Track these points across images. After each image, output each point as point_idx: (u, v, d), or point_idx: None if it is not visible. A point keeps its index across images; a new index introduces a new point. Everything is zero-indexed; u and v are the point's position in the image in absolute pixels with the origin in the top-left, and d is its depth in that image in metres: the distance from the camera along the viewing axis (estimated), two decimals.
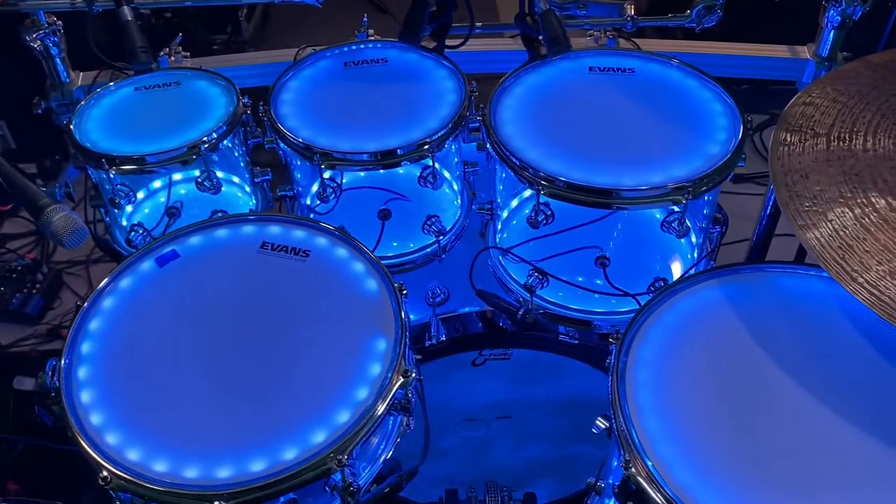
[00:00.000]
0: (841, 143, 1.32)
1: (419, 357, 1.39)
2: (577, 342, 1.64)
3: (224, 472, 1.10)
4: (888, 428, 1.08)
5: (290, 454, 1.11)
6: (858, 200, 1.22)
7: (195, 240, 1.42)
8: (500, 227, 1.74)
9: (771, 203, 2.10)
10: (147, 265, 1.38)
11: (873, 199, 1.21)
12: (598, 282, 1.56)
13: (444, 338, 1.64)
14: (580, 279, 1.57)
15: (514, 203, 1.76)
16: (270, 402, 1.18)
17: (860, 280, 1.11)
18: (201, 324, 1.28)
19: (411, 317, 1.86)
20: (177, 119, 1.63)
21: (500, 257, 1.69)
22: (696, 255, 1.62)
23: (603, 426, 1.18)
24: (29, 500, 1.79)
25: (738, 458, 1.06)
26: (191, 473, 1.10)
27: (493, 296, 1.62)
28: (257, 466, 1.10)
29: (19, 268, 2.81)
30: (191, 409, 1.17)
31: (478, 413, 1.87)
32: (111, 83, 1.74)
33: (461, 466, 1.99)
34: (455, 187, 1.79)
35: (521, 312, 1.56)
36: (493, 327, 1.72)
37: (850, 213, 1.20)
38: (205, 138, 1.57)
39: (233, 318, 1.29)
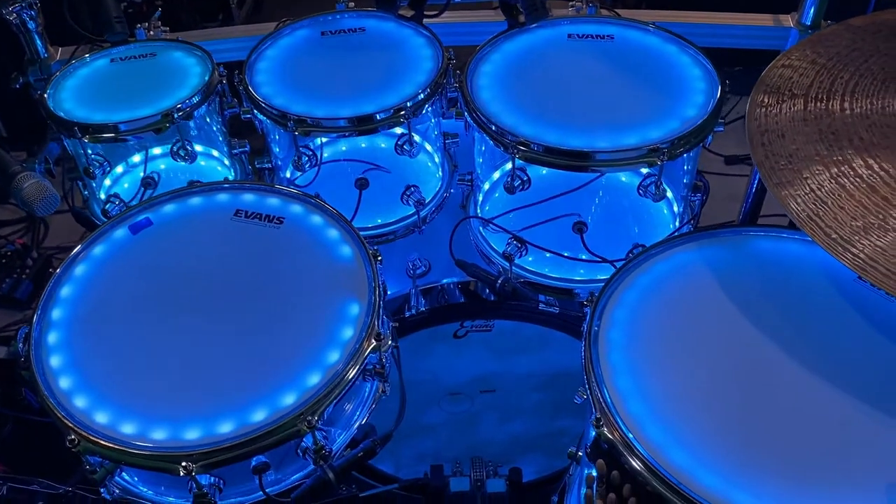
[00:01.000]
0: (818, 104, 1.31)
1: (395, 324, 1.38)
2: (557, 311, 1.63)
3: (192, 434, 1.09)
4: (862, 385, 1.07)
5: (259, 416, 1.11)
6: (835, 158, 1.20)
7: (169, 208, 1.42)
8: (481, 198, 1.73)
9: (757, 180, 2.08)
10: (120, 233, 1.37)
11: (849, 157, 1.20)
12: (583, 256, 1.55)
13: (423, 308, 1.63)
14: (566, 253, 1.56)
15: (496, 175, 1.74)
16: (240, 366, 1.17)
17: (834, 236, 1.10)
18: (173, 289, 1.28)
19: (391, 289, 1.87)
20: (151, 89, 1.62)
21: (481, 228, 1.68)
22: (676, 223, 1.61)
23: (584, 397, 1.17)
24: (6, 475, 1.78)
25: (709, 414, 1.06)
26: (159, 435, 1.09)
27: (473, 265, 1.61)
28: (225, 428, 1.10)
29: (9, 253, 2.80)
30: (160, 373, 1.17)
31: (462, 387, 1.86)
32: (87, 55, 1.73)
33: (446, 442, 1.98)
34: (436, 159, 1.78)
35: (500, 281, 1.55)
36: (474, 298, 1.71)
37: (827, 172, 1.19)
38: (179, 106, 1.56)
39: (205, 284, 1.28)
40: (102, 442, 1.08)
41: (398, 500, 1.70)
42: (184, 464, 1.06)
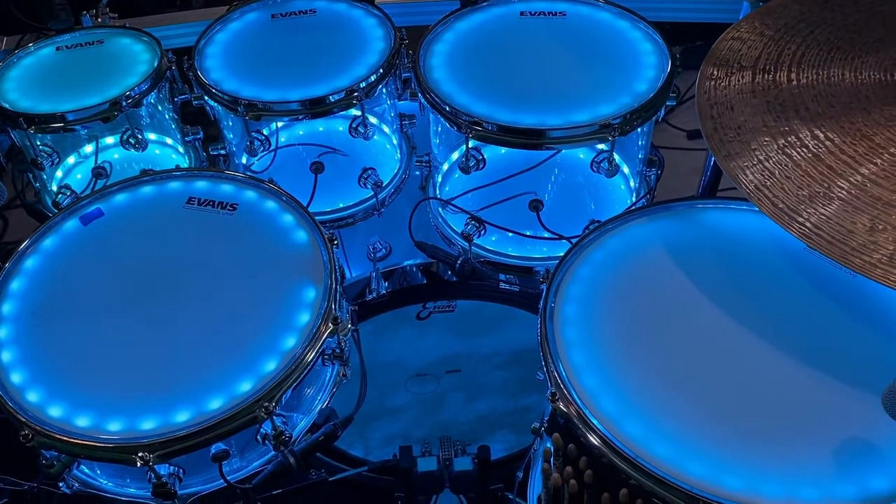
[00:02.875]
0: (766, 76, 1.32)
1: (355, 308, 1.38)
2: (518, 289, 1.64)
3: (148, 424, 1.08)
4: (812, 351, 1.09)
5: (215, 404, 1.10)
6: (782, 129, 1.21)
7: (120, 197, 1.40)
8: (440, 179, 1.73)
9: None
10: (71, 224, 1.35)
11: (796, 128, 1.21)
12: (545, 234, 1.56)
13: (384, 291, 1.63)
14: (528, 232, 1.56)
15: (455, 156, 1.74)
16: (196, 354, 1.16)
17: (781, 206, 1.11)
18: (126, 280, 1.26)
19: (355, 273, 1.87)
20: (99, 77, 1.59)
21: (440, 209, 1.68)
22: (633, 197, 1.62)
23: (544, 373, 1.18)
24: None
25: (663, 385, 1.07)
26: (114, 426, 1.08)
27: (432, 247, 1.61)
28: (182, 417, 1.09)
29: None
30: (115, 364, 1.16)
31: (427, 368, 1.87)
32: (31, 45, 1.69)
33: (414, 423, 1.99)
34: (394, 141, 1.77)
35: (459, 262, 1.55)
36: (435, 279, 1.71)
37: (774, 143, 1.20)
38: (127, 93, 1.53)
39: (158, 273, 1.26)
40: (56, 436, 1.07)
41: (368, 483, 1.70)
42: (140, 454, 1.05)
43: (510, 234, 1.58)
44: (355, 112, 1.56)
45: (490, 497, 1.73)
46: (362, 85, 1.50)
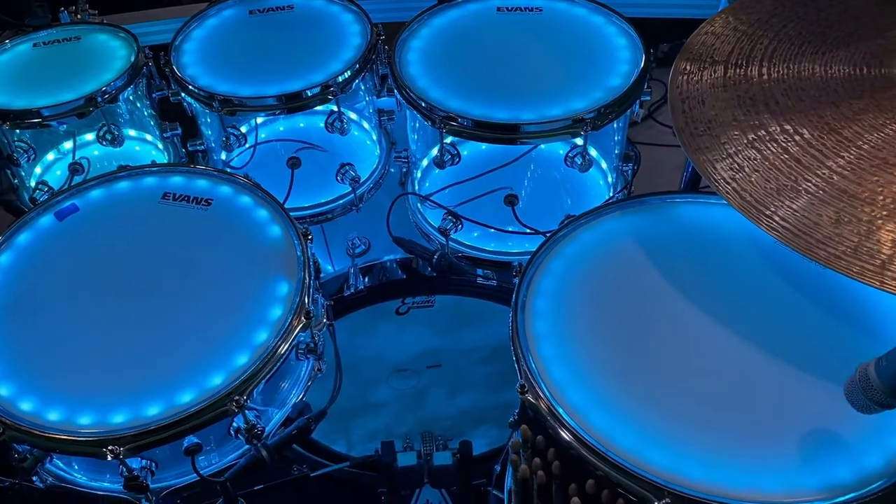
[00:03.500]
0: (738, 70, 1.33)
1: (330, 303, 1.38)
2: (496, 284, 1.64)
3: (119, 418, 1.09)
4: (782, 345, 1.10)
5: (186, 397, 1.11)
6: (752, 123, 1.22)
7: (96, 193, 1.40)
8: (419, 175, 1.73)
9: None
10: (46, 220, 1.35)
11: (765, 122, 1.22)
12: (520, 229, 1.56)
13: (361, 286, 1.63)
14: (509, 228, 1.56)
15: (434, 151, 1.74)
16: (168, 348, 1.16)
17: (749, 199, 1.12)
18: (100, 275, 1.26)
19: (337, 268, 1.87)
20: (75, 73, 1.59)
21: (419, 204, 1.68)
22: (610, 193, 1.63)
23: None
24: None
25: (631, 377, 1.08)
26: (85, 420, 1.09)
27: (410, 242, 1.62)
28: (153, 411, 1.09)
29: None
30: (87, 358, 1.16)
31: (408, 363, 1.87)
32: (8, 41, 1.69)
33: (397, 418, 1.99)
34: (374, 137, 1.78)
35: (436, 257, 1.56)
36: (414, 274, 1.71)
37: (744, 137, 1.21)
38: (103, 89, 1.54)
39: (132, 268, 1.27)
40: (27, 429, 1.07)
41: (350, 478, 1.71)
42: (110, 447, 1.06)
43: (491, 231, 1.58)
44: (333, 107, 1.57)
45: (473, 491, 1.74)
46: (339, 80, 1.51)
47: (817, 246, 1.04)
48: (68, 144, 1.73)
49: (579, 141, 1.40)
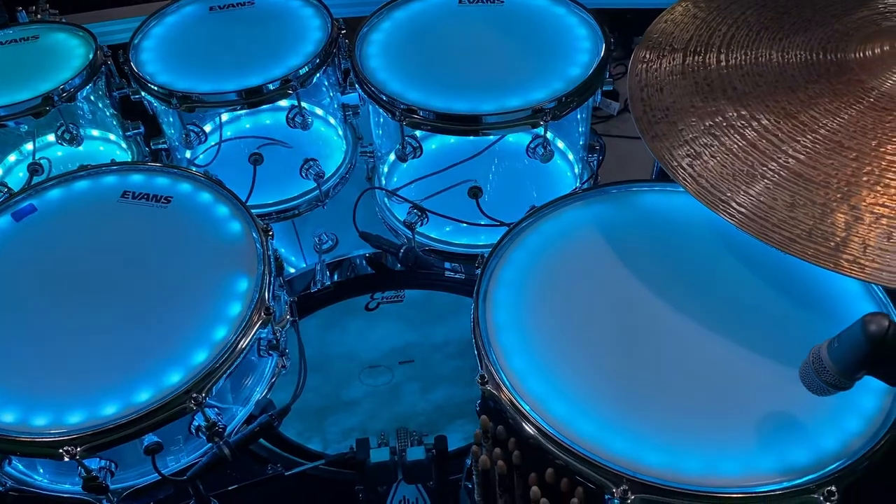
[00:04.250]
0: (696, 57, 1.33)
1: (293, 299, 1.37)
2: (464, 277, 1.64)
3: (75, 418, 1.08)
4: (740, 330, 1.10)
5: (143, 396, 1.09)
6: (709, 110, 1.22)
7: (54, 193, 1.38)
8: (386, 170, 1.72)
9: None
10: (2, 221, 1.34)
11: (723, 108, 1.22)
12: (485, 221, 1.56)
13: (328, 282, 1.62)
14: (483, 221, 1.55)
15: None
16: (126, 347, 1.15)
17: (705, 185, 1.12)
18: (58, 275, 1.25)
19: (304, 264, 1.86)
20: (33, 72, 1.57)
21: (386, 199, 1.67)
22: (577, 184, 1.63)
23: None
24: None
25: (591, 365, 1.07)
26: (40, 421, 1.08)
27: (376, 237, 1.61)
28: (109, 410, 1.08)
29: None
30: (44, 359, 1.15)
31: (380, 360, 1.86)
32: None
33: (372, 416, 1.98)
34: (340, 132, 1.77)
35: (402, 251, 1.55)
36: (382, 270, 1.71)
37: (701, 124, 1.21)
38: (61, 88, 1.52)
39: (90, 268, 1.25)
40: None
41: (326, 477, 1.70)
42: (66, 448, 1.04)
43: (464, 225, 1.58)
44: (294, 102, 1.56)
45: (450, 486, 1.74)
46: (299, 73, 1.50)
47: (772, 230, 1.04)
48: (30, 146, 1.71)
49: (539, 131, 1.40)
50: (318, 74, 1.54)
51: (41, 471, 1.23)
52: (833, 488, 0.92)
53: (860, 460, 0.95)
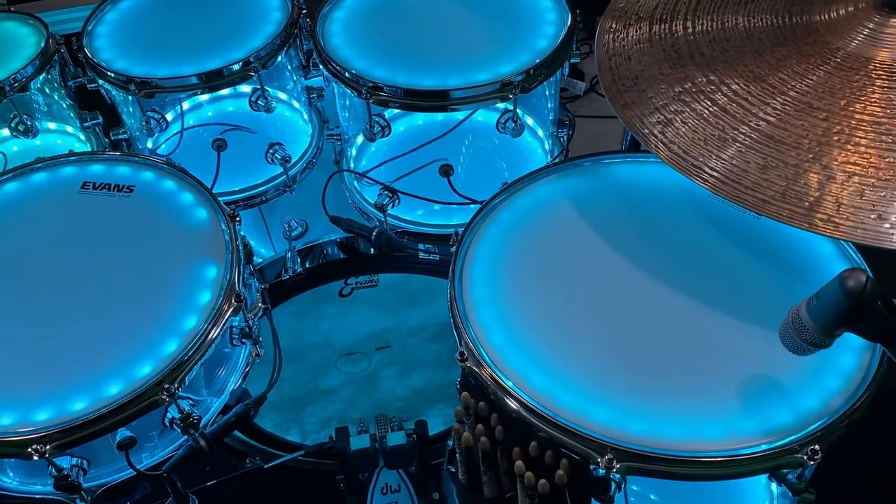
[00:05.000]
0: (663, 25, 1.32)
1: (265, 286, 1.35)
2: (438, 258, 1.62)
3: (43, 415, 1.04)
4: (717, 295, 1.10)
5: (113, 389, 1.06)
6: (678, 76, 1.21)
7: (11, 186, 1.34)
8: (354, 152, 1.70)
9: None
10: None
11: (691, 74, 1.21)
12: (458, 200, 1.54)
13: (299, 269, 1.60)
14: (450, 200, 1.53)
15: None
16: (93, 340, 1.12)
17: (677, 151, 1.11)
18: (19, 271, 1.21)
19: (276, 251, 1.82)
20: None
21: (355, 182, 1.65)
22: (548, 159, 1.61)
23: None
24: None
25: (570, 337, 1.06)
26: (6, 420, 1.04)
27: (347, 220, 1.59)
28: (79, 405, 1.05)
29: None
30: (9, 356, 1.11)
31: (356, 346, 1.84)
32: None
33: (350, 403, 1.96)
34: (305, 116, 1.74)
35: (374, 234, 1.53)
36: (354, 254, 1.68)
37: (671, 90, 1.20)
38: (12, 77, 1.47)
39: (52, 261, 1.22)
40: None
41: (306, 468, 1.68)
42: (34, 447, 1.01)
43: (436, 207, 1.56)
44: (256, 86, 1.52)
45: (432, 471, 1.73)
46: (261, 54, 1.46)
47: (746, 193, 1.04)
48: None
49: (507, 105, 1.38)
50: (279, 56, 1.50)
51: (10, 473, 1.19)
52: (816, 447, 0.92)
53: (841, 418, 0.95)
